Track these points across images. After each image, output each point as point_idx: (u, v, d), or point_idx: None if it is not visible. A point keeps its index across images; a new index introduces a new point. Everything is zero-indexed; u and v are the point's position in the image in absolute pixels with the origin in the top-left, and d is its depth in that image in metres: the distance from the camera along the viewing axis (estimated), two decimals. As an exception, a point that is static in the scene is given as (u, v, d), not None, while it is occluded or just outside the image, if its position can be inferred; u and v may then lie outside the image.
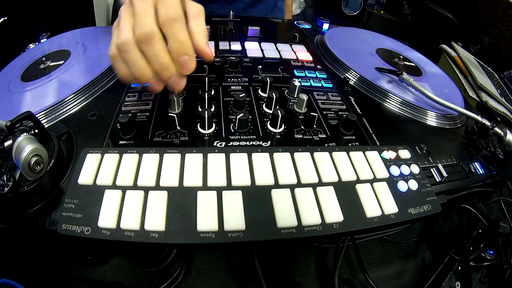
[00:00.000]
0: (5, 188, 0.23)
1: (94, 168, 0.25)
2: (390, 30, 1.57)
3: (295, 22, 0.67)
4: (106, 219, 0.22)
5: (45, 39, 0.52)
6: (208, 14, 0.64)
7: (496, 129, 0.39)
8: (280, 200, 0.25)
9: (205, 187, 0.25)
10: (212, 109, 0.35)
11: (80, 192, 0.24)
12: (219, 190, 0.25)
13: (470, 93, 0.74)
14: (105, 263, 0.33)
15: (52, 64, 0.42)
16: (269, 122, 0.34)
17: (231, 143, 0.31)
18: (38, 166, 0.24)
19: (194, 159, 0.27)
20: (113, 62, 0.30)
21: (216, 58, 0.46)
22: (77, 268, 0.32)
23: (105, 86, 0.38)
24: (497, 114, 0.65)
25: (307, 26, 0.65)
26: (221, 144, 0.30)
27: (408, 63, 0.55)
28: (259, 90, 0.39)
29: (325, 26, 0.65)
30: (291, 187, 0.26)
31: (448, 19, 1.20)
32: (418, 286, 0.35)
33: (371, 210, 0.26)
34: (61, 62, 0.42)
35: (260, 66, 0.45)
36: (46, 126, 0.30)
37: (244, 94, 0.36)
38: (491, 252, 0.35)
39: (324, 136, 0.34)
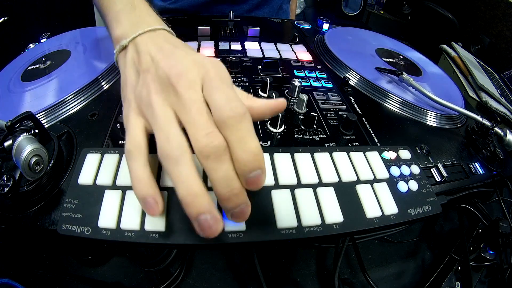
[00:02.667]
0: (5, 188, 0.23)
1: (94, 168, 0.25)
2: (390, 30, 1.57)
3: (295, 22, 0.67)
4: (106, 219, 0.22)
5: (45, 39, 0.52)
6: (209, 14, 0.64)
7: (496, 129, 0.39)
8: (280, 201, 0.25)
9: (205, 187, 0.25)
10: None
11: (80, 192, 0.24)
12: (219, 190, 0.25)
13: (470, 93, 0.74)
14: (105, 263, 0.33)
15: (52, 64, 0.42)
16: (269, 122, 0.34)
17: (231, 143, 0.31)
18: (38, 166, 0.24)
19: (194, 160, 0.26)
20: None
21: (216, 58, 0.46)
22: (77, 268, 0.32)
23: (105, 86, 0.38)
24: (497, 114, 0.65)
25: (307, 26, 0.65)
26: (221, 144, 0.30)
27: (408, 63, 0.55)
28: (259, 90, 0.39)
29: (325, 26, 0.65)
30: (291, 188, 0.26)
31: (448, 19, 1.20)
32: (418, 286, 0.35)
33: (371, 210, 0.26)
34: (61, 62, 0.42)
35: (260, 66, 0.45)
36: (46, 126, 0.30)
37: (244, 94, 0.36)
38: (491, 252, 0.35)
39: (324, 136, 0.34)
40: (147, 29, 0.27)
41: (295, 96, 0.39)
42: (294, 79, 0.39)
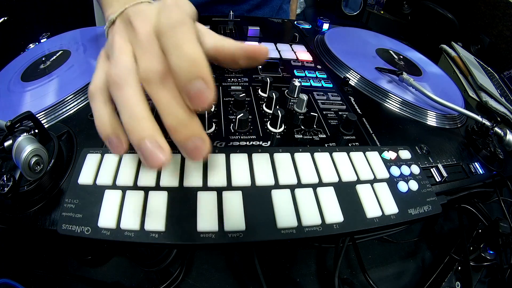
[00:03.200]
0: (5, 188, 0.23)
1: (94, 168, 0.25)
2: (390, 30, 1.57)
3: (295, 22, 0.67)
4: (106, 219, 0.22)
5: (45, 39, 0.52)
6: (210, 14, 0.64)
7: (496, 129, 0.39)
8: (280, 201, 0.25)
9: (205, 187, 0.25)
10: (212, 109, 0.35)
11: (80, 192, 0.24)
12: (219, 191, 0.25)
13: (470, 93, 0.74)
14: (105, 263, 0.33)
15: (52, 64, 0.42)
16: (269, 122, 0.34)
17: (231, 143, 0.31)
18: (38, 166, 0.24)
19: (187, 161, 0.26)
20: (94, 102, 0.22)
21: None
22: (77, 268, 0.32)
23: (105, 86, 0.38)
24: (497, 114, 0.65)
25: (307, 26, 0.65)
26: (221, 144, 0.30)
27: (408, 63, 0.55)
28: (259, 90, 0.39)
29: (325, 26, 0.65)
30: (291, 188, 0.26)
31: (448, 19, 1.20)
32: (418, 286, 0.35)
33: (371, 210, 0.26)
34: (61, 62, 0.42)
35: (260, 66, 0.45)
36: (46, 126, 0.30)
37: (244, 94, 0.36)
38: (491, 252, 0.35)
39: (324, 136, 0.34)
40: (133, 3, 0.28)
41: (295, 96, 0.39)
42: (294, 79, 0.39)
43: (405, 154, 0.32)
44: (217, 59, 0.23)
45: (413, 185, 0.29)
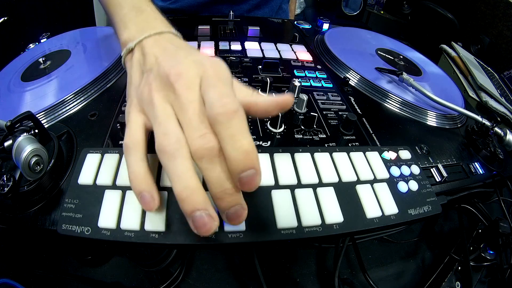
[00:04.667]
0: (5, 188, 0.23)
1: (94, 168, 0.25)
2: (390, 30, 1.57)
3: (295, 22, 0.67)
4: (106, 219, 0.22)
5: (45, 39, 0.52)
6: (209, 14, 0.64)
7: (496, 129, 0.39)
8: (280, 201, 0.25)
9: (205, 187, 0.25)
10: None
11: (80, 192, 0.24)
12: (219, 190, 0.25)
13: (470, 93, 0.74)
14: (105, 263, 0.33)
15: (52, 64, 0.42)
16: (269, 122, 0.34)
17: (231, 143, 0.31)
18: (38, 166, 0.24)
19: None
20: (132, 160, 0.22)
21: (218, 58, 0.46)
22: (77, 268, 0.32)
23: (105, 86, 0.38)
24: (497, 114, 0.65)
25: (307, 26, 0.65)
26: (221, 144, 0.30)
27: (408, 63, 0.55)
28: (259, 90, 0.39)
29: (325, 26, 0.65)
30: (291, 188, 0.26)
31: (448, 19, 1.20)
32: (418, 286, 0.35)
33: (371, 211, 0.26)
34: (61, 62, 0.42)
35: (260, 66, 0.45)
36: (46, 126, 0.30)
37: (244, 94, 0.36)
38: (491, 252, 0.35)
39: (324, 136, 0.34)
40: (153, 32, 0.28)
41: (295, 96, 0.39)
42: (294, 79, 0.39)
43: (405, 154, 0.32)
44: (249, 113, 0.23)
45: (413, 185, 0.29)
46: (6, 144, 0.25)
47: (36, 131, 0.26)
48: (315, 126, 0.34)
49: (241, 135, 0.20)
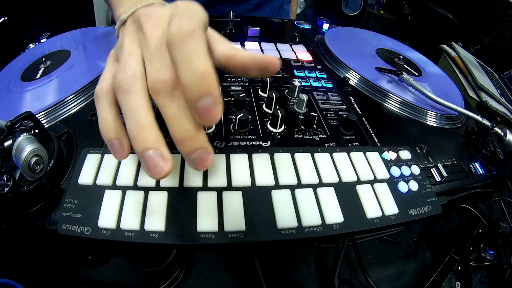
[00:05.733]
0: (5, 188, 0.23)
1: (94, 168, 0.25)
2: (390, 30, 1.57)
3: (295, 22, 0.67)
4: (106, 219, 0.22)
5: (45, 39, 0.52)
6: (210, 14, 0.64)
7: (496, 129, 0.39)
8: (281, 201, 0.25)
9: (205, 187, 0.25)
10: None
11: (80, 192, 0.24)
12: (219, 191, 0.25)
13: (470, 93, 0.74)
14: (105, 263, 0.33)
15: (52, 64, 0.42)
16: (269, 122, 0.34)
17: (231, 143, 0.31)
18: (38, 166, 0.24)
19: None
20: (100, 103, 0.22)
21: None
22: (77, 268, 0.32)
23: (105, 86, 0.38)
24: (497, 114, 0.65)
25: (307, 26, 0.65)
26: (221, 144, 0.30)
27: (408, 63, 0.55)
28: (259, 90, 0.39)
29: (325, 26, 0.65)
30: (292, 188, 0.26)
31: (448, 19, 1.20)
32: (418, 286, 0.35)
33: (372, 211, 0.26)
34: (61, 62, 0.42)
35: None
36: (46, 126, 0.30)
37: (244, 94, 0.36)
38: (491, 252, 0.35)
39: (324, 136, 0.34)
40: (144, 4, 0.28)
41: (295, 96, 0.39)
42: (294, 79, 0.39)
43: (405, 154, 0.32)
44: (227, 68, 0.22)
45: (413, 186, 0.29)
46: (6, 144, 0.25)
47: (36, 131, 0.26)
48: (315, 126, 0.34)
49: (196, 57, 0.18)
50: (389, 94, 0.43)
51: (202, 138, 0.19)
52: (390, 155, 0.31)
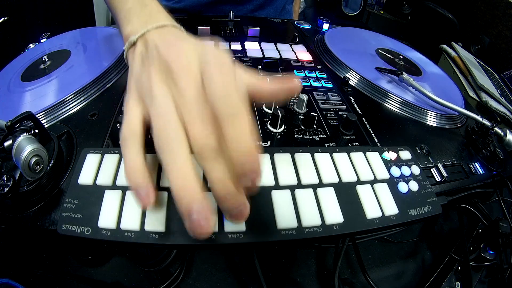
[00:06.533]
0: (5, 188, 0.23)
1: (94, 168, 0.25)
2: (390, 30, 1.57)
3: (295, 22, 0.67)
4: (106, 220, 0.22)
5: (45, 39, 0.52)
6: (212, 14, 0.64)
7: (496, 129, 0.39)
8: (280, 201, 0.25)
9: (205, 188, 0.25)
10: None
11: (80, 192, 0.24)
12: (219, 191, 0.25)
13: (470, 93, 0.74)
14: (105, 263, 0.33)
15: (52, 64, 0.42)
16: (269, 122, 0.34)
17: (231, 143, 0.31)
18: (38, 166, 0.24)
19: (194, 160, 0.26)
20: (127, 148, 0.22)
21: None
22: (77, 268, 0.32)
23: (105, 86, 0.38)
24: (497, 114, 0.65)
25: (307, 26, 0.65)
26: (221, 144, 0.30)
27: (408, 63, 0.55)
28: (259, 90, 0.39)
29: (325, 26, 0.65)
30: (292, 188, 0.26)
31: (448, 19, 1.20)
32: (418, 286, 0.35)
33: (372, 211, 0.26)
34: (61, 62, 0.42)
35: (260, 66, 0.45)
36: (46, 126, 0.30)
37: (244, 94, 0.36)
38: (491, 252, 0.35)
39: (324, 136, 0.34)
40: (155, 25, 0.28)
41: (295, 96, 0.39)
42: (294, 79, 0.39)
43: (405, 154, 0.32)
44: (253, 99, 0.23)
45: (413, 186, 0.29)
46: (6, 144, 0.25)
47: (36, 131, 0.26)
48: (315, 126, 0.34)
49: (243, 137, 0.19)
50: (389, 94, 0.43)
51: (243, 196, 0.20)
52: (390, 155, 0.31)
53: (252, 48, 0.51)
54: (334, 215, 0.25)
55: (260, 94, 0.23)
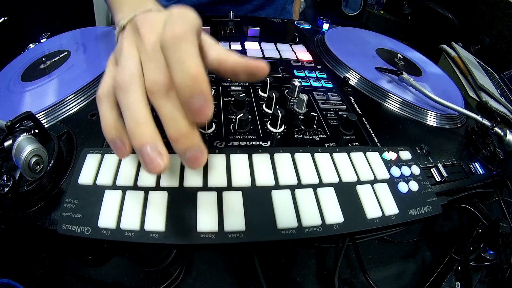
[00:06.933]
0: (5, 188, 0.23)
1: (94, 168, 0.25)
2: (390, 30, 1.57)
3: (295, 22, 0.67)
4: (106, 219, 0.22)
5: (45, 39, 0.52)
6: (213, 14, 0.64)
7: (496, 129, 0.39)
8: (281, 201, 0.25)
9: (205, 187, 0.25)
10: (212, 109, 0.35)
11: (80, 192, 0.24)
12: (219, 191, 0.25)
13: (470, 93, 0.74)
14: (105, 263, 0.33)
15: (52, 64, 0.42)
16: (269, 122, 0.34)
17: (231, 143, 0.31)
18: (38, 166, 0.24)
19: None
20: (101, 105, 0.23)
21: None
22: (77, 268, 0.32)
23: (105, 86, 0.38)
24: (497, 114, 0.65)
25: (307, 26, 0.65)
26: (221, 144, 0.30)
27: (408, 63, 0.55)
28: (259, 90, 0.39)
29: (325, 26, 0.65)
30: (292, 188, 0.26)
31: (448, 19, 1.20)
32: (418, 286, 0.35)
33: (372, 211, 0.26)
34: (61, 62, 0.42)
35: (260, 66, 0.45)
36: (46, 126, 0.30)
37: (244, 94, 0.36)
38: (491, 252, 0.35)
39: (324, 136, 0.34)
40: (142, 10, 0.28)
41: (295, 96, 0.39)
42: (294, 79, 0.39)
43: (405, 154, 0.32)
44: (219, 71, 0.23)
45: (414, 186, 0.29)
46: (6, 144, 0.25)
47: (36, 131, 0.26)
48: (315, 126, 0.34)
49: (187, 58, 0.19)
50: (389, 94, 0.43)
51: (196, 137, 0.20)
52: (390, 155, 0.31)
53: (252, 48, 0.51)
54: (334, 215, 0.25)
55: (224, 66, 0.23)
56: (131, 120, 0.20)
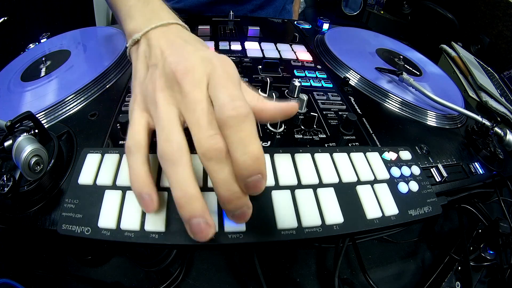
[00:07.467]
0: (5, 188, 0.23)
1: (94, 168, 0.25)
2: (390, 30, 1.57)
3: (295, 22, 0.67)
4: (106, 220, 0.22)
5: (45, 39, 0.52)
6: (212, 14, 0.64)
7: (496, 129, 0.39)
8: (281, 201, 0.25)
9: (205, 188, 0.25)
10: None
11: (80, 192, 0.24)
12: (219, 191, 0.25)
13: (470, 93, 0.74)
14: (105, 263, 0.33)
15: (52, 64, 0.42)
16: (269, 122, 0.34)
17: (231, 143, 0.31)
18: (38, 166, 0.24)
19: (194, 160, 0.26)
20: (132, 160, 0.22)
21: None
22: (77, 268, 0.32)
23: (105, 86, 0.38)
24: (497, 114, 0.65)
25: (307, 26, 0.65)
26: (221, 144, 0.30)
27: (408, 63, 0.55)
28: (259, 90, 0.39)
29: (325, 26, 0.65)
30: (292, 188, 0.26)
31: (448, 19, 1.20)
32: (418, 286, 0.35)
33: (372, 211, 0.26)
34: (61, 62, 0.42)
35: (260, 66, 0.45)
36: (46, 126, 0.29)
37: (244, 94, 0.36)
38: (491, 252, 0.35)
39: (324, 136, 0.34)
40: (159, 24, 0.27)
41: (295, 96, 0.39)
42: (294, 79, 0.39)
43: (405, 154, 0.32)
44: (256, 119, 0.23)
45: (414, 186, 0.29)
46: (6, 144, 0.25)
47: (36, 131, 0.26)
48: (315, 126, 0.34)
49: (250, 140, 0.19)
50: (389, 94, 0.43)
51: (246, 198, 0.20)
52: (390, 155, 0.31)
53: (252, 48, 0.51)
54: (334, 215, 0.25)
55: (261, 114, 0.23)
56: (180, 194, 0.20)
